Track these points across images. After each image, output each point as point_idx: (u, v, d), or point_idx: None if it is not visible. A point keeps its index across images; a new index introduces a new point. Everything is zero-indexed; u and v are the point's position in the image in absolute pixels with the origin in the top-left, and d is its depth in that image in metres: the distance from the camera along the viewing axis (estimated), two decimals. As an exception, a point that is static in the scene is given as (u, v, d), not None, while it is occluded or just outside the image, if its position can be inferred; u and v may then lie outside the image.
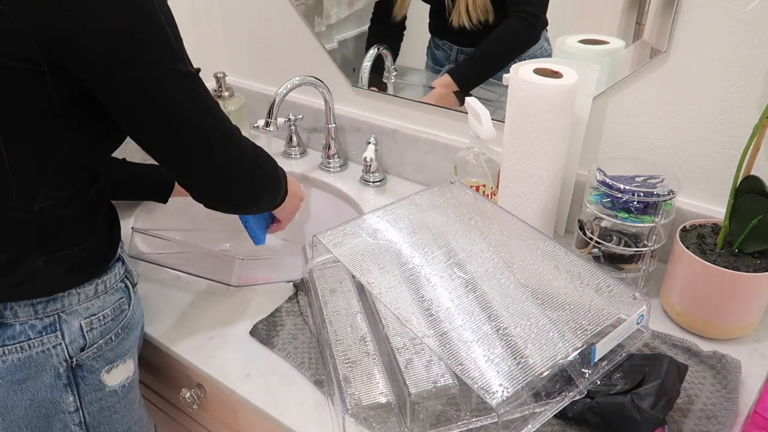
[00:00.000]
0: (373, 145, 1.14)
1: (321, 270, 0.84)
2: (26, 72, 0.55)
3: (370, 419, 0.65)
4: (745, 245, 0.75)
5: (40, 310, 0.65)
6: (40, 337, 0.65)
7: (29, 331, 0.64)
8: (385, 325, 0.72)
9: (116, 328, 0.71)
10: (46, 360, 0.66)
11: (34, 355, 0.65)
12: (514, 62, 0.86)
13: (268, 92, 1.31)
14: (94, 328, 0.69)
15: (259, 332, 0.81)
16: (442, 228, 0.78)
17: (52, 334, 0.65)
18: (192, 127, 0.63)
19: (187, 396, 0.84)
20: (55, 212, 0.63)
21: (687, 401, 0.68)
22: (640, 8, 0.82)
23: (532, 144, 0.82)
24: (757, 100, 0.78)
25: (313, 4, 1.16)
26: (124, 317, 0.72)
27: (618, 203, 0.80)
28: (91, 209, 0.68)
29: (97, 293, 0.69)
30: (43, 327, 0.65)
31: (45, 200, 0.62)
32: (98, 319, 0.69)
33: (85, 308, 0.68)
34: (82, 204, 0.66)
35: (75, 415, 0.70)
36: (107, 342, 0.70)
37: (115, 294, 0.71)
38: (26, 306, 0.64)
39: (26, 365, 0.65)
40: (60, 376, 0.67)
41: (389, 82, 1.13)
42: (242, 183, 0.70)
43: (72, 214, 0.65)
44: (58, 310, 0.66)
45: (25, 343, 0.64)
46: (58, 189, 0.63)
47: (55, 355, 0.66)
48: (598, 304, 0.64)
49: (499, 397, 0.54)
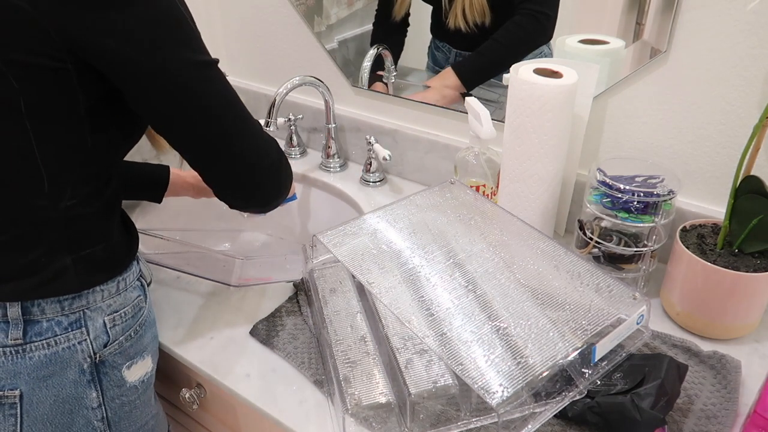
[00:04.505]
0: (378, 144, 1.14)
1: (321, 270, 0.84)
2: (50, 69, 0.55)
3: (370, 419, 0.65)
4: (745, 245, 0.75)
5: (66, 307, 0.65)
6: (66, 333, 0.66)
7: (56, 327, 0.65)
8: (385, 325, 0.72)
9: (135, 325, 0.72)
10: (71, 356, 0.66)
11: (60, 351, 0.65)
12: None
13: (268, 92, 1.31)
14: (117, 324, 0.69)
15: (259, 332, 0.81)
16: (442, 228, 0.78)
17: (78, 330, 0.66)
18: (220, 117, 0.63)
19: (187, 396, 0.84)
20: (79, 210, 0.64)
21: (687, 401, 0.68)
22: (640, 8, 0.82)
23: (532, 144, 0.82)
24: (757, 100, 0.78)
25: (313, 4, 1.16)
26: (142, 314, 0.73)
27: (618, 203, 0.80)
28: (110, 208, 0.68)
29: (119, 290, 0.70)
30: (69, 323, 0.66)
31: (70, 199, 0.63)
32: (120, 316, 0.70)
33: (107, 305, 0.68)
34: (101, 203, 0.66)
35: (98, 410, 0.70)
36: (128, 338, 0.71)
37: (134, 291, 0.72)
38: (53, 303, 0.64)
39: (52, 361, 0.65)
40: (84, 372, 0.68)
41: (389, 82, 1.13)
42: (271, 178, 0.70)
43: (94, 212, 0.65)
44: (83, 306, 0.66)
45: (52, 339, 0.65)
46: (82, 187, 0.63)
47: (80, 351, 0.67)
48: (598, 304, 0.64)
49: (499, 397, 0.54)
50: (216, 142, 0.64)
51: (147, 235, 0.92)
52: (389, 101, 1.15)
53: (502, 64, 0.95)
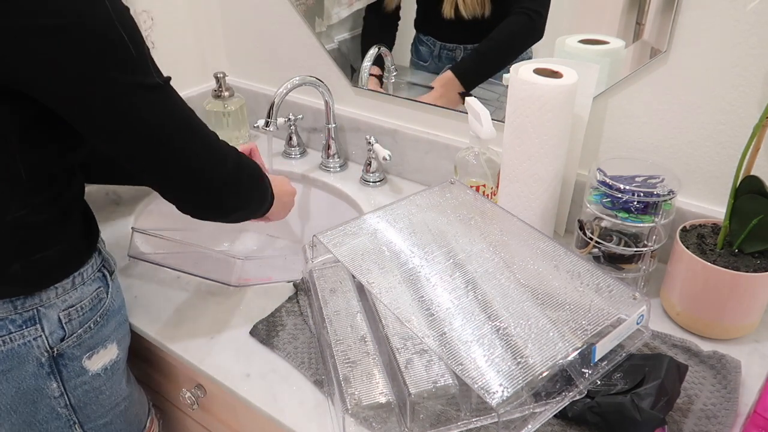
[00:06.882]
0: (378, 144, 1.14)
1: (321, 270, 0.84)
2: None
3: (370, 419, 0.65)
4: (745, 245, 0.75)
5: (18, 306, 0.66)
6: (21, 330, 0.67)
7: (10, 325, 0.66)
8: (385, 325, 0.72)
9: (95, 317, 0.73)
10: (27, 351, 0.68)
11: (16, 347, 0.67)
12: (515, 61, 0.86)
13: (268, 92, 1.31)
14: (73, 319, 0.70)
15: (259, 332, 0.81)
16: (442, 228, 0.78)
17: (32, 327, 0.67)
18: (166, 140, 0.62)
19: (187, 396, 0.84)
20: (28, 220, 0.64)
21: (687, 401, 0.68)
22: (640, 8, 0.82)
23: (532, 144, 0.82)
24: (757, 100, 0.78)
25: (313, 4, 1.16)
26: (103, 305, 0.74)
27: (618, 203, 0.80)
28: (66, 212, 0.68)
29: (75, 285, 0.70)
30: (23, 321, 0.67)
31: (17, 210, 0.62)
32: (76, 311, 0.70)
33: (62, 301, 0.69)
34: (56, 208, 0.66)
35: (60, 399, 0.72)
36: (86, 330, 0.72)
37: (93, 284, 0.73)
38: (5, 303, 0.65)
39: (9, 357, 0.67)
40: (42, 366, 0.69)
41: (389, 81, 1.13)
42: (228, 187, 0.70)
43: (46, 219, 0.65)
44: (36, 305, 0.67)
45: (7, 337, 0.66)
46: (31, 197, 0.63)
47: (36, 346, 0.68)
48: (598, 304, 0.64)
49: (499, 397, 0.54)
50: (163, 162, 0.64)
51: (147, 235, 0.92)
52: (389, 101, 1.15)
53: (501, 63, 0.97)
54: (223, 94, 1.23)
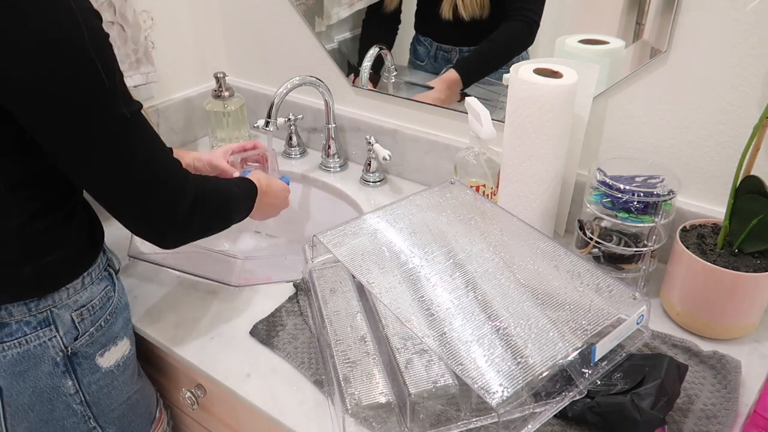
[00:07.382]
0: (378, 144, 1.14)
1: (321, 270, 0.84)
2: None
3: (370, 419, 0.65)
4: (745, 245, 0.75)
5: (33, 308, 0.67)
6: (36, 332, 0.68)
7: (25, 327, 0.68)
8: (385, 325, 0.72)
9: (105, 315, 0.74)
10: (43, 352, 0.69)
11: (32, 348, 0.68)
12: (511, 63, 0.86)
13: (268, 92, 1.31)
14: (85, 318, 0.72)
15: (259, 332, 0.81)
16: (442, 228, 0.78)
17: (47, 328, 0.69)
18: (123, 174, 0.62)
19: (187, 396, 0.84)
20: (33, 225, 0.65)
21: (687, 401, 0.68)
22: (640, 8, 0.82)
23: (532, 144, 0.82)
24: (757, 100, 0.78)
25: (313, 4, 1.16)
26: (111, 303, 0.75)
27: (618, 203, 0.80)
28: (70, 214, 0.69)
29: (84, 285, 0.71)
30: (38, 323, 0.68)
31: (20, 216, 0.63)
32: (87, 310, 0.72)
33: (74, 301, 0.70)
34: (60, 212, 0.67)
35: (76, 396, 0.74)
36: (98, 329, 0.73)
37: (101, 283, 0.74)
38: (20, 306, 0.67)
39: (25, 358, 0.68)
40: (57, 365, 0.71)
41: (389, 81, 1.13)
42: (175, 228, 0.69)
43: (50, 223, 0.66)
44: (49, 306, 0.68)
45: (23, 339, 0.68)
46: (33, 203, 0.64)
47: (51, 347, 0.70)
48: (598, 304, 0.64)
49: (499, 397, 0.54)
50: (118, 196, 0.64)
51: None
52: (389, 101, 1.15)
53: (499, 64, 0.99)
54: (223, 94, 1.23)
